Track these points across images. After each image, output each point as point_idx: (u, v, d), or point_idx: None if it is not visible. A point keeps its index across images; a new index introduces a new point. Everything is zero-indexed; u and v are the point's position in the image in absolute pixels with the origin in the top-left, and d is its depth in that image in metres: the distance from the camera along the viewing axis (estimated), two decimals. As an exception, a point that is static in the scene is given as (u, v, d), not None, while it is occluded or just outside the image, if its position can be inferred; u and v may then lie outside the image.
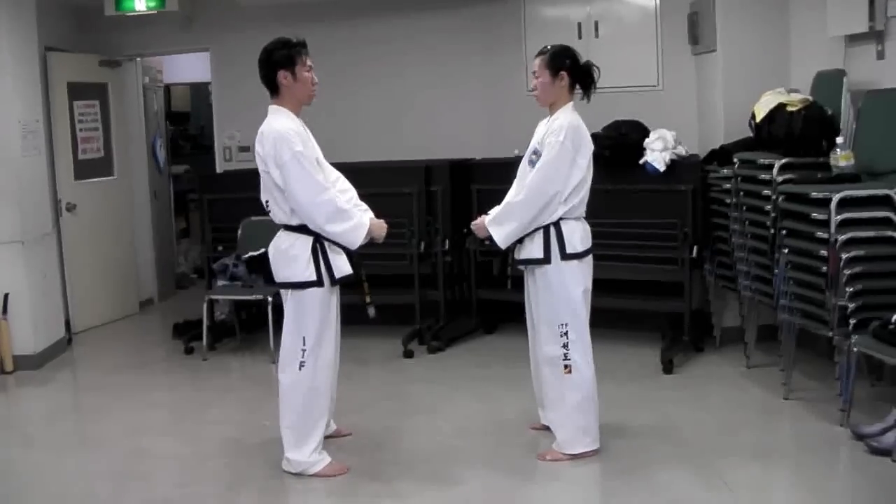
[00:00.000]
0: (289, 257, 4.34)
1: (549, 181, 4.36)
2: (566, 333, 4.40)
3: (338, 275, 4.36)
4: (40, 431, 5.47)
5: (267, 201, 4.42)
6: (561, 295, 4.41)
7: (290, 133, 4.27)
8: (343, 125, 7.47)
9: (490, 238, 4.51)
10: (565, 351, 4.41)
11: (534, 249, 4.44)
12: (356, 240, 4.35)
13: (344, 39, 7.67)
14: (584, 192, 4.45)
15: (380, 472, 4.49)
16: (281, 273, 4.40)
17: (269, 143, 4.27)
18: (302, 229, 4.33)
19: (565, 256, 4.40)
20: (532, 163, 4.49)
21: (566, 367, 4.42)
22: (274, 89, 4.39)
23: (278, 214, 4.39)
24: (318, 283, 4.32)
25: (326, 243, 4.34)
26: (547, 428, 4.69)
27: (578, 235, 4.43)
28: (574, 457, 4.47)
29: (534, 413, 4.84)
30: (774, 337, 5.42)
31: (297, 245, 4.33)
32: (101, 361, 6.93)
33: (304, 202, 4.25)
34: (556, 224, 4.40)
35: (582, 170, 4.40)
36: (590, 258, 4.50)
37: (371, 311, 4.67)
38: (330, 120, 7.16)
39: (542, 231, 4.41)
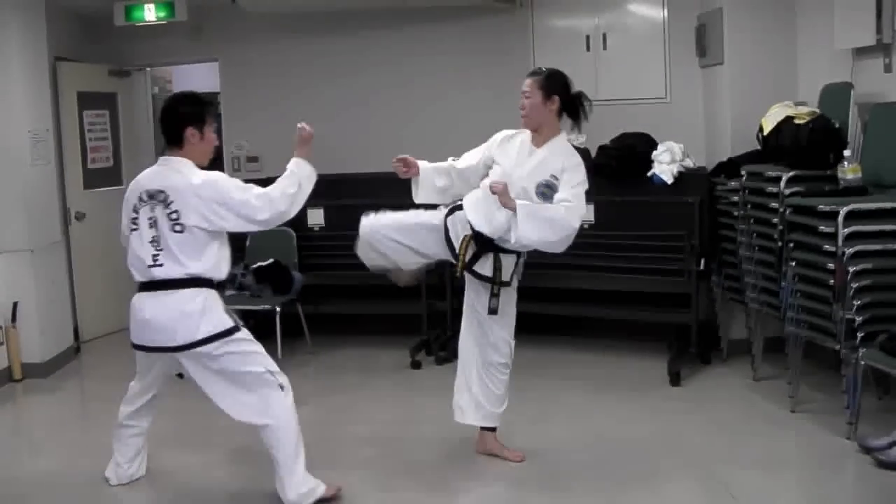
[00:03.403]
0: (202, 312, 4.10)
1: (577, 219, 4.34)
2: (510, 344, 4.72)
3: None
4: (48, 439, 5.48)
5: (155, 256, 4.18)
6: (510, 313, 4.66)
7: (223, 175, 4.26)
8: (349, 136, 7.47)
9: (503, 206, 4.31)
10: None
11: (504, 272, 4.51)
12: (312, 175, 4.29)
13: (351, 50, 7.68)
14: None
15: (387, 482, 4.50)
16: (202, 330, 4.08)
17: (213, 191, 4.14)
18: (198, 282, 4.12)
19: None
20: (544, 195, 4.34)
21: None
22: (176, 143, 4.21)
23: (173, 269, 4.12)
24: (237, 328, 4.15)
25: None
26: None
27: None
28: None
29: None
30: (781, 349, 5.41)
31: (205, 298, 4.12)
32: (108, 370, 6.93)
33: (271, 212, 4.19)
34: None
35: None
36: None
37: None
38: (336, 130, 7.18)
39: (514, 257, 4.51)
